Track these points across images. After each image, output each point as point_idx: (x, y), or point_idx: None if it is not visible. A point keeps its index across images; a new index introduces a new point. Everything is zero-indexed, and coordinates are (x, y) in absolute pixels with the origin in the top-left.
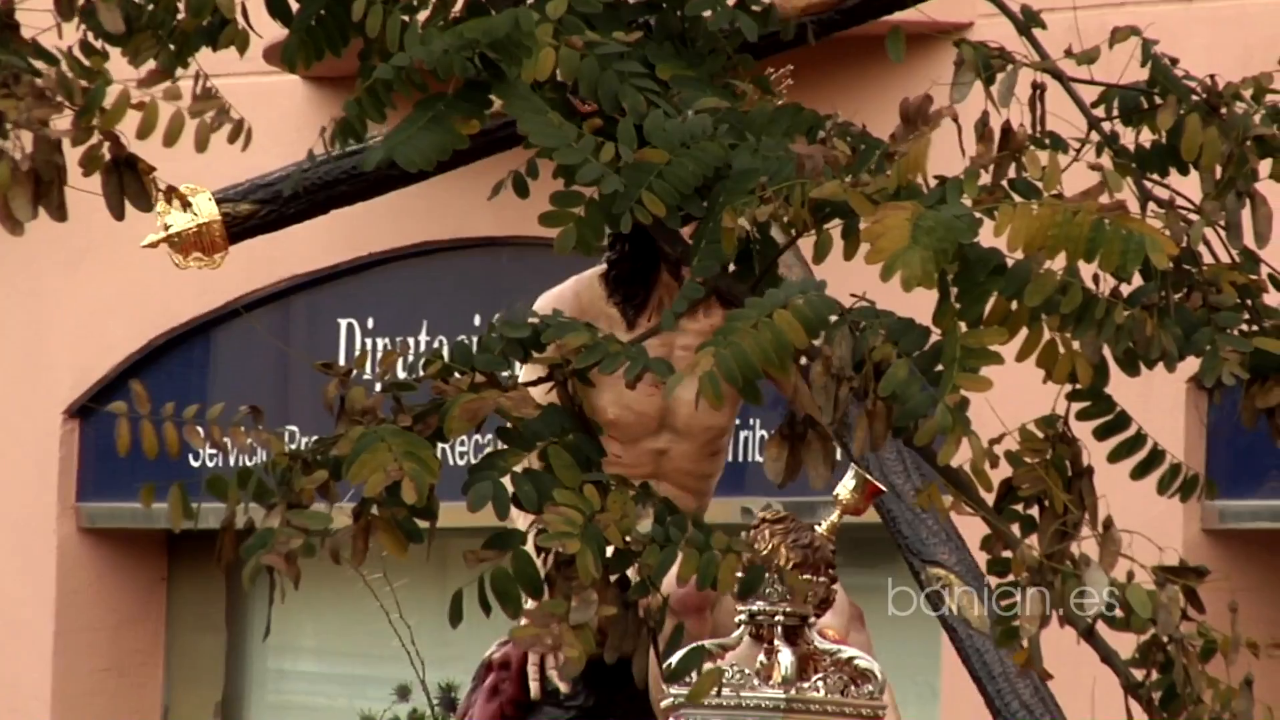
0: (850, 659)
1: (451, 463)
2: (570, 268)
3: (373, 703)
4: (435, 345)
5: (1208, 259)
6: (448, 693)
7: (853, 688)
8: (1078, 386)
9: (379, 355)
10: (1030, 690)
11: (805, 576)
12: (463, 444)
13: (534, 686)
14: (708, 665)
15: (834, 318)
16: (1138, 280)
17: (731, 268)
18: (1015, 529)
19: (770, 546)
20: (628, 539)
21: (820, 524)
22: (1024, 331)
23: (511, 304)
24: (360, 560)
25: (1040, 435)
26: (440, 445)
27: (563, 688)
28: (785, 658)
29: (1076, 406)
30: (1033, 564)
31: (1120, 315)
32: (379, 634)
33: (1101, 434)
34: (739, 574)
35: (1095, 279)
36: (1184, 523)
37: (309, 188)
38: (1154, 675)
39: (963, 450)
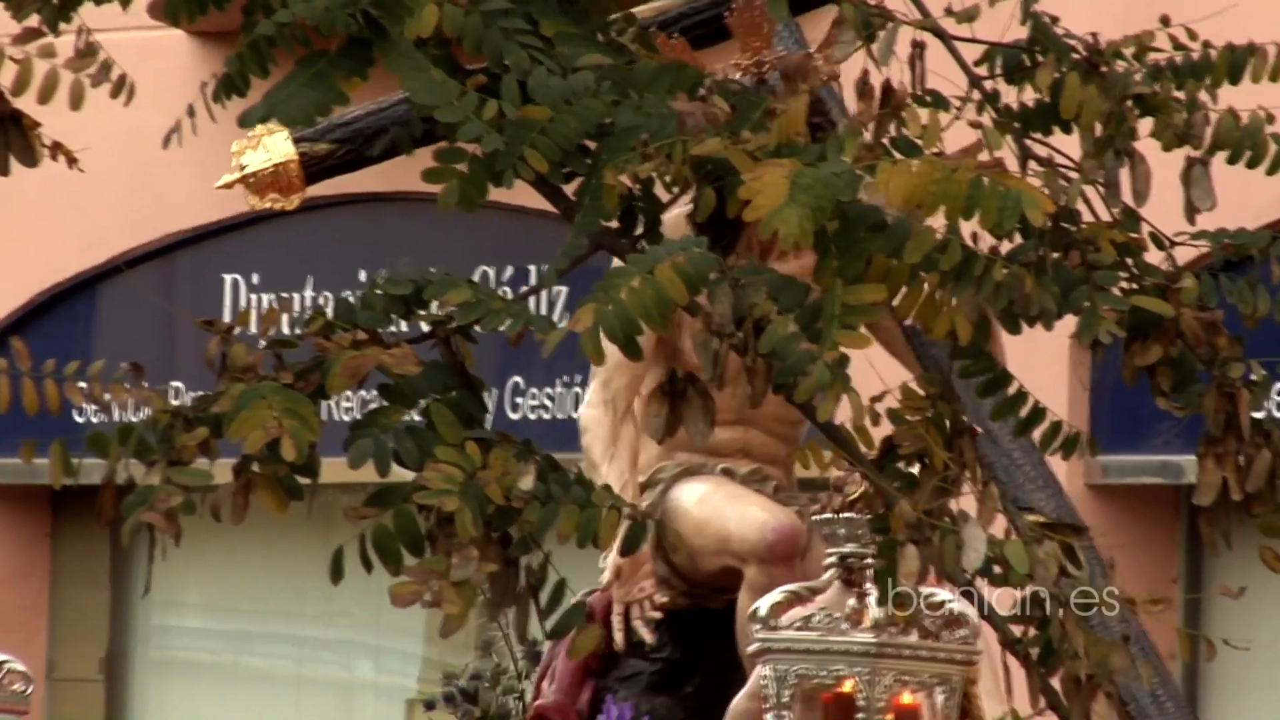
0: (943, 603)
1: (336, 418)
2: (454, 224)
3: (257, 658)
4: (320, 301)
5: (1087, 217)
6: (532, 646)
7: (945, 632)
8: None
9: (263, 312)
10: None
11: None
12: (347, 399)
13: (618, 637)
14: (591, 625)
15: (715, 274)
16: (1019, 240)
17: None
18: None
19: (860, 490)
20: (509, 496)
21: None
22: (904, 289)
23: (395, 260)
24: (240, 518)
25: (921, 393)
26: (324, 401)
27: (648, 639)
28: (874, 601)
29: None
30: (912, 520)
31: (999, 273)
32: (264, 589)
33: (983, 391)
34: (620, 531)
35: (974, 237)
36: (1067, 479)
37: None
38: (1032, 631)
39: (844, 407)
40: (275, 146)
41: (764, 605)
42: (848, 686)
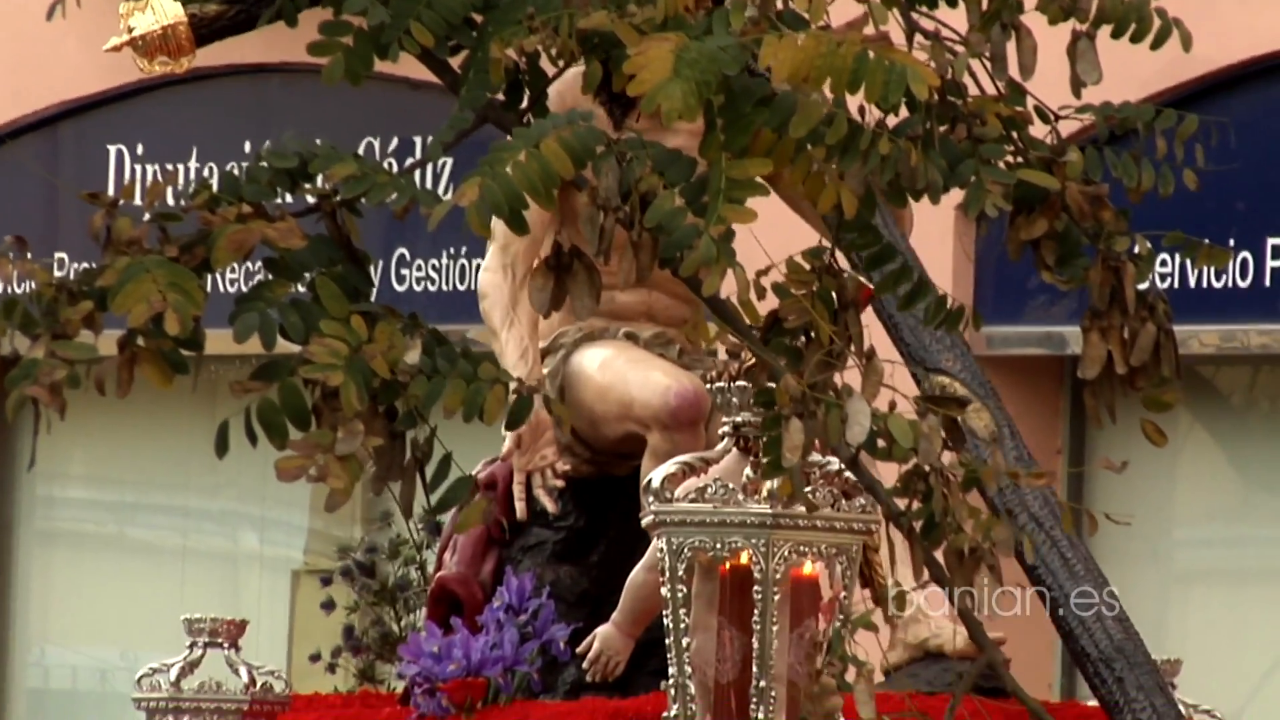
0: (840, 471)
1: (222, 290)
2: (339, 96)
3: (142, 530)
4: (205, 173)
5: (973, 91)
6: (431, 517)
7: (844, 501)
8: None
9: (147, 184)
10: (1039, 502)
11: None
12: (233, 272)
13: (520, 507)
14: (479, 496)
15: (600, 149)
16: (905, 114)
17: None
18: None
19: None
20: (395, 370)
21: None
22: (789, 163)
23: (280, 132)
24: (125, 392)
25: (806, 267)
26: (209, 275)
27: (551, 508)
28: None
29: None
30: (797, 394)
31: (885, 146)
32: (149, 461)
33: (869, 265)
34: (506, 404)
35: (861, 111)
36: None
37: None
38: (915, 505)
39: (729, 281)
40: (163, 8)
41: (657, 477)
42: (744, 558)
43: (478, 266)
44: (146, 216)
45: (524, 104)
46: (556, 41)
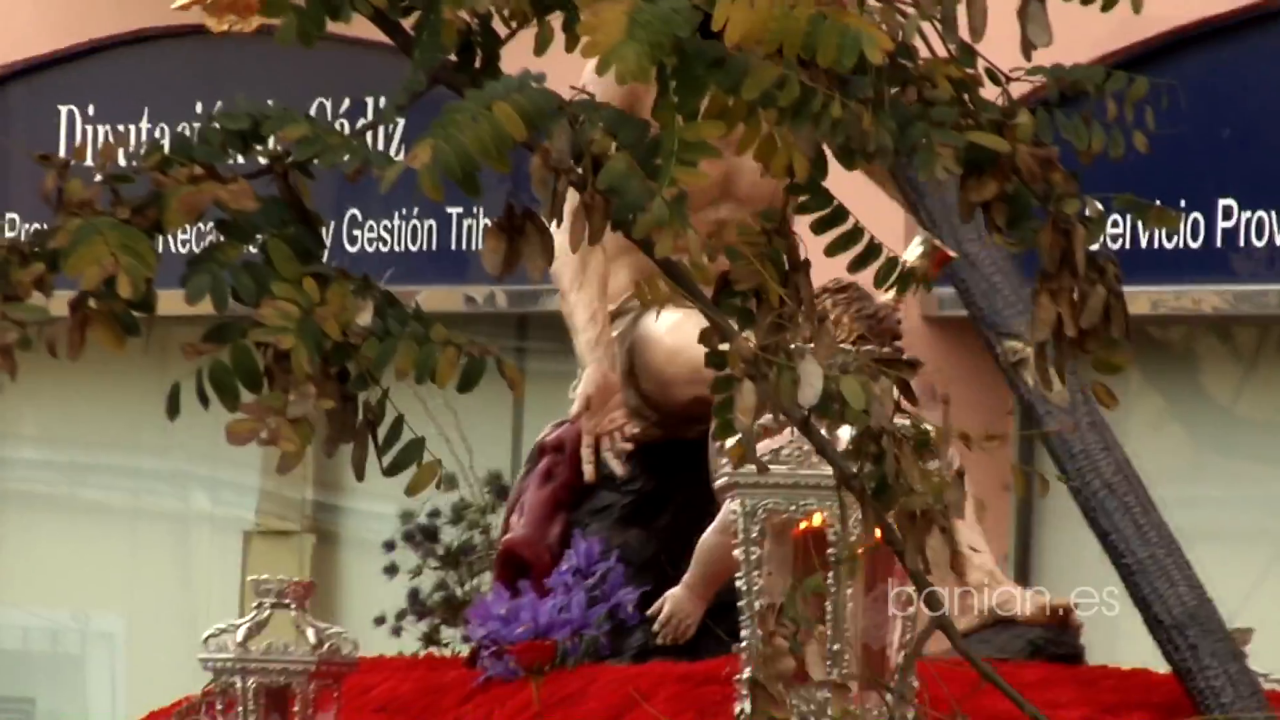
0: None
1: (174, 251)
2: (292, 58)
3: (93, 490)
4: (156, 134)
5: (924, 54)
6: (496, 479)
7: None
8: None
9: (99, 145)
10: (1113, 468)
11: (869, 347)
12: (184, 233)
13: (588, 470)
14: (428, 458)
15: (553, 111)
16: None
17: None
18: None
19: (833, 317)
20: (347, 332)
21: (888, 293)
22: (742, 125)
23: (232, 93)
24: (76, 354)
25: (757, 229)
26: (162, 237)
27: (618, 471)
28: (846, 432)
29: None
30: (749, 356)
31: (837, 109)
32: (100, 421)
33: (820, 228)
34: (459, 366)
35: (813, 74)
36: (904, 311)
37: None
38: (868, 467)
39: (681, 243)
40: None
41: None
42: (818, 520)
43: (429, 228)
44: (98, 178)
45: (476, 65)
46: (509, 3)
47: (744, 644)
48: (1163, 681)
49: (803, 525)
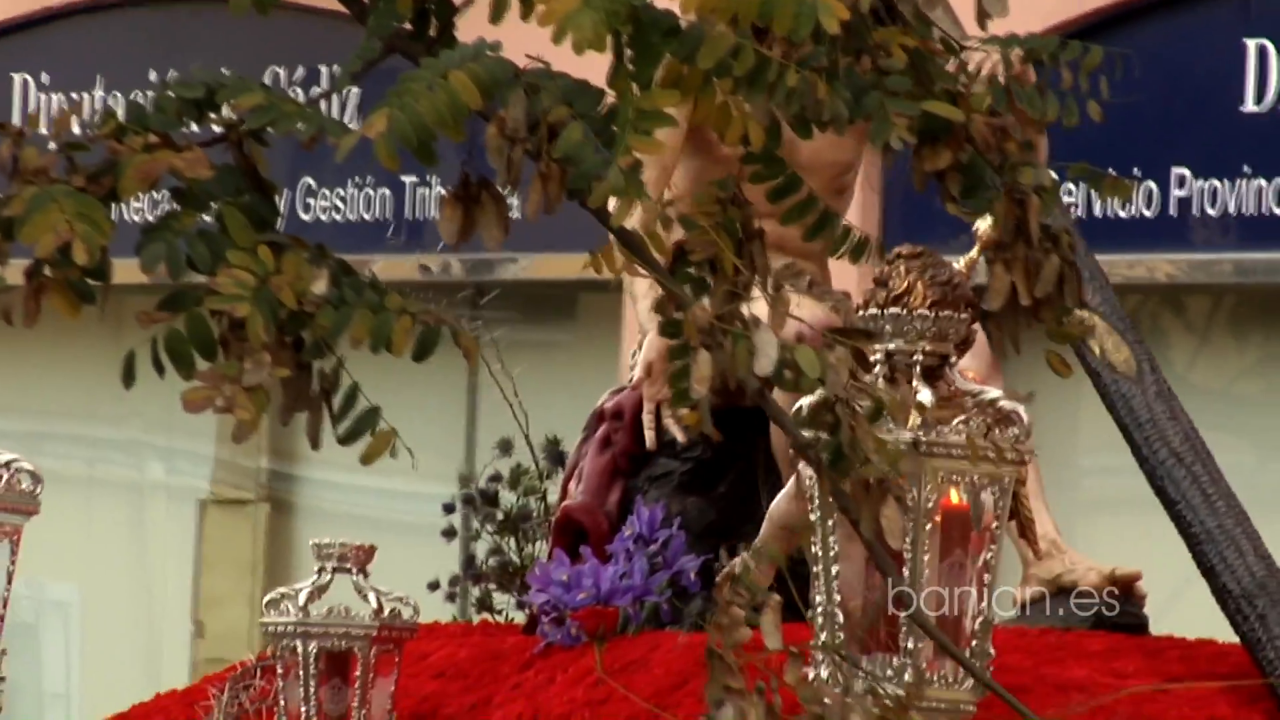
0: (993, 401)
1: (129, 220)
2: (246, 27)
3: (48, 458)
4: (111, 102)
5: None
6: (554, 445)
7: (996, 431)
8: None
9: (54, 113)
10: (1180, 437)
11: (944, 314)
12: (139, 201)
13: (649, 436)
14: (382, 426)
15: (508, 79)
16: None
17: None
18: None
19: (906, 284)
20: (302, 300)
21: (959, 260)
22: (697, 94)
23: (186, 61)
24: (32, 321)
25: (712, 198)
26: (117, 204)
27: (680, 438)
28: (924, 398)
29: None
30: (704, 325)
31: (792, 78)
32: (55, 389)
33: (774, 197)
34: (414, 334)
35: (769, 43)
36: (858, 281)
37: None
38: (823, 436)
39: (637, 212)
40: None
41: (806, 403)
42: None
43: (383, 197)
44: (53, 146)
45: (432, 34)
46: None
47: (819, 609)
48: (1229, 651)
49: None
